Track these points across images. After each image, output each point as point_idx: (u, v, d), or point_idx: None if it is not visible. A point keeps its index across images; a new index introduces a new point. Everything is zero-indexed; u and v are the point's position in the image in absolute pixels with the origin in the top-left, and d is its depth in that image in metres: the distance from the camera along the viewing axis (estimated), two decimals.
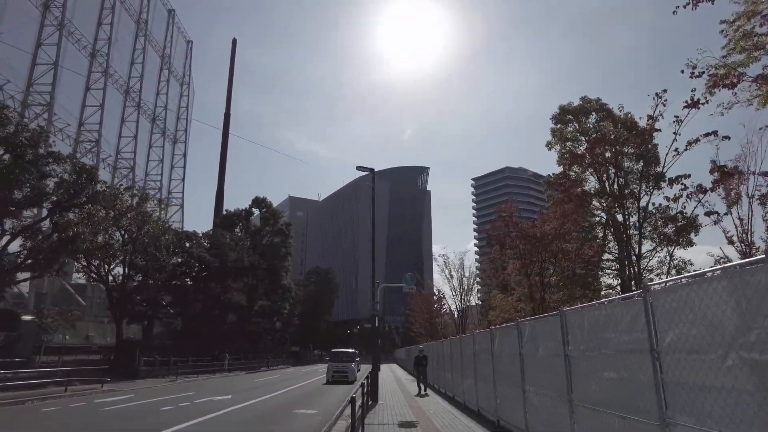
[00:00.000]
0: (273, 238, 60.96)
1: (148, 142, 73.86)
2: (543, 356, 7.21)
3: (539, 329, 7.31)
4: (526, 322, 8.04)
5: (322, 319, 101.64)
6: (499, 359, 9.78)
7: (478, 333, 12.21)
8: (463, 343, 14.01)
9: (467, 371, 13.34)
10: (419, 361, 18.24)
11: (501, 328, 9.72)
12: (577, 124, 20.68)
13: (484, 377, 11.16)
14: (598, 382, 5.37)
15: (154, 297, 34.56)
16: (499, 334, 9.78)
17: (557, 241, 15.44)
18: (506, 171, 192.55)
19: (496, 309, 27.62)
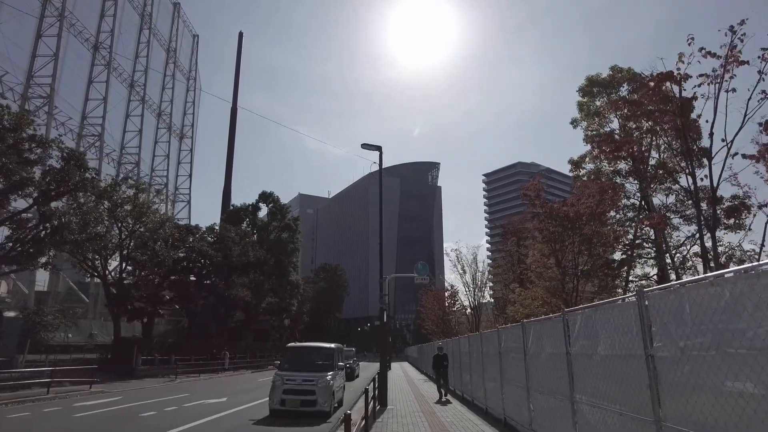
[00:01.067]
0: (280, 233, 59.39)
1: (154, 138, 72.78)
2: (604, 357, 5.33)
3: (600, 321, 5.44)
4: (577, 312, 6.16)
5: (332, 317, 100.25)
6: (534, 359, 7.91)
7: (504, 328, 10.34)
8: (485, 340, 12.14)
9: (490, 372, 11.49)
10: (439, 361, 15.36)
11: (539, 321, 7.85)
12: (606, 97, 18.63)
13: (513, 381, 9.31)
14: (720, 395, 3.48)
15: (154, 293, 33.09)
16: (536, 328, 7.91)
17: (591, 223, 13.42)
18: (518, 166, 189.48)
19: (516, 304, 25.70)
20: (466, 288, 40.87)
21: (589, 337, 5.76)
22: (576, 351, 6.10)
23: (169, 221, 30.76)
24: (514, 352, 9.19)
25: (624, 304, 4.96)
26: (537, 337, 7.76)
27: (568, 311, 6.40)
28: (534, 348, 7.94)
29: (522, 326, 8.54)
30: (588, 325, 5.81)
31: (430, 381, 25.73)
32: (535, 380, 7.82)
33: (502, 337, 10.25)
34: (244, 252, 40.85)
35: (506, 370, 9.85)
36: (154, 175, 71.48)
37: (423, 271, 14.76)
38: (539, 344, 7.64)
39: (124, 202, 28.16)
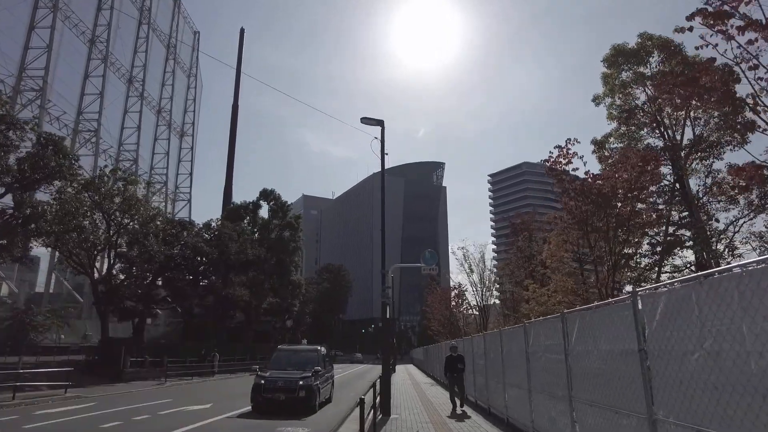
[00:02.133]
0: (282, 231, 57.59)
1: (154, 135, 71.41)
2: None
3: (708, 304, 3.58)
4: (660, 294, 4.32)
5: (336, 318, 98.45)
6: (580, 361, 6.05)
7: (536, 323, 8.48)
8: (507, 339, 10.26)
9: (513, 376, 9.62)
10: (452, 363, 12.47)
11: (591, 311, 5.97)
12: (634, 69, 16.68)
13: (547, 388, 7.43)
14: None
15: (146, 292, 31.38)
16: (584, 320, 6.05)
17: (628, 201, 11.45)
18: (524, 166, 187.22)
19: (531, 301, 23.80)
20: (474, 288, 38.95)
21: (674, 330, 3.91)
22: (655, 348, 4.25)
23: (161, 215, 28.97)
24: (550, 352, 7.32)
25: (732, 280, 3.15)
26: (586, 332, 5.89)
27: (644, 291, 4.55)
28: (581, 346, 6.07)
29: (562, 318, 6.66)
30: (669, 316, 3.97)
31: (438, 385, 23.83)
32: (582, 388, 5.95)
33: (530, 334, 8.37)
34: (242, 249, 39.07)
35: (537, 374, 7.98)
36: (153, 173, 70.04)
37: (431, 260, 12.89)
38: (589, 341, 5.76)
39: (111, 193, 26.49)
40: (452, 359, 12.62)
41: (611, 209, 11.23)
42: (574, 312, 6.55)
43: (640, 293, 4.54)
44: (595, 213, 11.41)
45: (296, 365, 14.23)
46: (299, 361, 14.66)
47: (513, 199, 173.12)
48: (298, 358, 15.08)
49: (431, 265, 12.70)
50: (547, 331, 7.50)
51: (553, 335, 7.18)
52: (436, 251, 75.12)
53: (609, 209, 11.20)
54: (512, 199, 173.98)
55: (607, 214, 11.20)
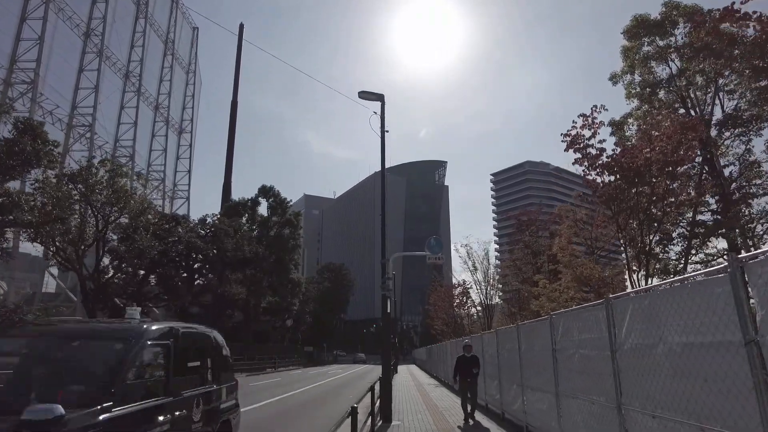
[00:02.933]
0: (281, 229, 56.38)
1: (151, 131, 70.11)
2: None
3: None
4: None
5: (337, 318, 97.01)
6: (635, 358, 4.73)
7: (561, 314, 7.14)
8: (525, 335, 8.91)
9: (534, 379, 8.28)
10: (465, 366, 10.46)
11: (651, 293, 4.62)
12: (657, 42, 15.27)
13: (581, 393, 6.09)
14: None
15: (137, 289, 30.12)
16: (638, 306, 4.73)
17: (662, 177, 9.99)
18: (526, 165, 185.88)
19: (541, 297, 22.45)
20: (478, 286, 37.60)
21: None
22: None
23: (152, 208, 27.66)
24: (586, 347, 5.96)
25: None
26: (645, 320, 4.55)
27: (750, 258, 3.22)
28: (636, 339, 4.73)
29: (607, 305, 5.31)
30: None
31: (443, 386, 22.50)
32: (639, 394, 4.61)
33: (558, 328, 7.03)
34: (239, 246, 37.77)
35: (568, 375, 6.63)
36: (151, 170, 68.76)
37: (437, 248, 11.53)
38: (651, 332, 4.42)
39: (99, 185, 25.19)
40: (465, 361, 10.57)
41: (645, 185, 9.86)
42: (623, 297, 5.19)
43: (747, 261, 3.20)
44: (627, 190, 10.03)
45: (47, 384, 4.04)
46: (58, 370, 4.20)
47: (516, 198, 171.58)
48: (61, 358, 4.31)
49: (437, 254, 11.36)
50: (582, 323, 6.15)
51: (591, 328, 5.83)
52: None
53: (642, 185, 9.84)
54: (515, 198, 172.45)
55: (638, 192, 9.80)
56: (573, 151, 10.90)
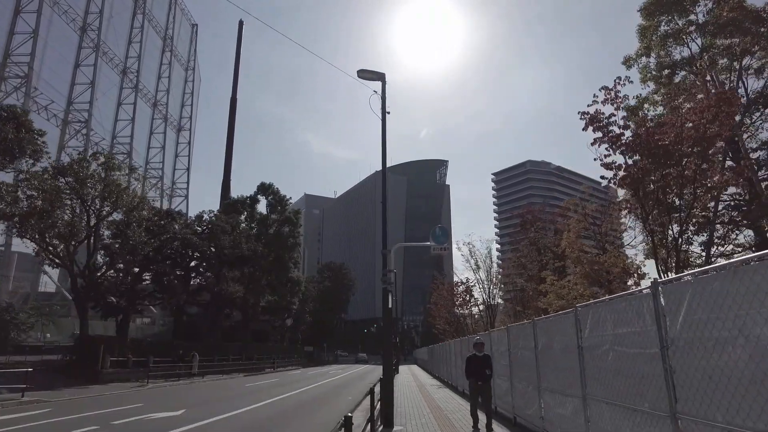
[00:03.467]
0: (281, 227, 55.41)
1: (149, 128, 69.34)
2: None
3: None
4: None
5: (338, 318, 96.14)
6: (698, 358, 3.83)
7: (590, 306, 6.22)
8: (544, 331, 7.99)
9: (555, 380, 7.37)
10: (476, 366, 9.09)
11: (719, 273, 3.69)
12: (675, 21, 14.26)
13: (618, 398, 5.19)
14: None
15: (131, 286, 29.25)
16: (699, 292, 3.82)
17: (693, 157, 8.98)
18: (528, 165, 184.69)
19: (550, 294, 21.55)
20: (480, 285, 36.65)
21: None
22: None
23: (145, 203, 26.78)
24: (624, 344, 5.05)
25: None
26: (710, 311, 3.64)
27: None
28: (697, 332, 3.82)
29: (654, 292, 4.41)
30: None
31: (446, 387, 21.58)
32: (703, 401, 3.70)
33: (586, 322, 6.11)
34: (237, 243, 36.86)
35: (599, 376, 5.71)
36: (149, 167, 68.05)
37: (442, 238, 10.58)
38: (726, 322, 3.51)
39: (90, 178, 24.33)
40: (476, 361, 9.17)
41: (675, 166, 8.91)
42: (676, 281, 4.28)
43: None
44: (654, 171, 9.07)
45: None
46: None
47: (517, 198, 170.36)
48: None
49: (442, 244, 10.44)
50: (618, 316, 5.23)
51: (631, 320, 4.92)
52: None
53: (671, 166, 8.89)
54: (516, 198, 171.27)
55: (665, 175, 8.83)
56: (592, 130, 9.95)
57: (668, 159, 8.88)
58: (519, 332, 9.47)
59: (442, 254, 10.71)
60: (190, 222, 35.44)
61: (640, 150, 9.01)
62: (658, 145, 8.72)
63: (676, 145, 8.61)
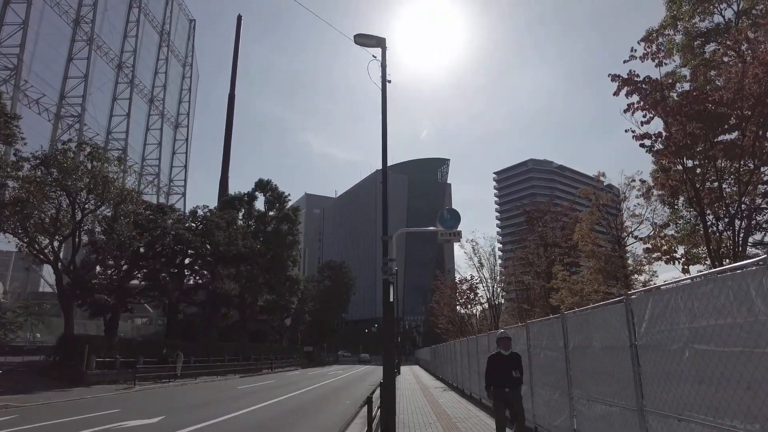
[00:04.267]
0: (279, 224, 54.13)
1: (146, 125, 68.11)
2: None
3: None
4: None
5: (338, 317, 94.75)
6: None
7: (650, 293, 4.87)
8: (578, 327, 6.63)
9: (594, 386, 6.04)
10: (502, 368, 7.09)
11: None
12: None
13: (703, 415, 3.85)
14: None
15: (120, 283, 27.94)
16: None
17: (755, 118, 7.50)
18: (530, 163, 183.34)
19: (562, 291, 20.21)
20: (484, 284, 35.27)
21: None
22: None
23: (133, 195, 25.46)
24: (711, 341, 3.72)
25: None
26: None
27: None
28: None
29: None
30: None
31: (451, 390, 20.23)
32: None
33: (643, 314, 4.77)
34: (232, 240, 35.50)
35: (666, 385, 4.37)
36: (145, 164, 66.77)
37: (451, 222, 9.13)
38: None
39: (74, 170, 23.02)
40: (500, 361, 7.07)
41: (731, 130, 7.61)
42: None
43: None
44: (704, 138, 7.73)
45: None
46: None
47: (519, 197, 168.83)
48: None
49: (451, 229, 9.07)
50: (702, 304, 3.89)
51: (723, 309, 3.58)
52: (440, 248, 71.12)
53: (726, 131, 7.60)
54: (518, 197, 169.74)
55: (714, 144, 7.51)
56: (626, 94, 8.56)
57: (723, 123, 7.51)
58: (542, 329, 8.14)
59: (451, 241, 9.36)
60: (183, 217, 34.13)
61: (687, 112, 7.62)
62: (706, 110, 7.31)
63: (734, 104, 7.24)
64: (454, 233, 9.11)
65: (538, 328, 8.46)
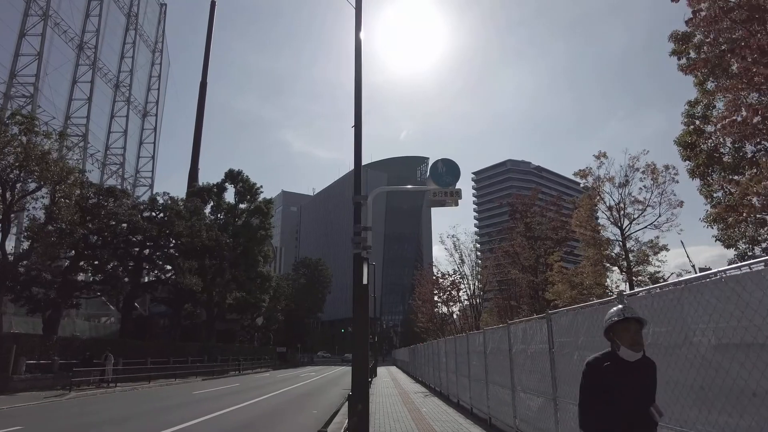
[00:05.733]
0: (250, 217, 51.12)
1: (110, 111, 63.96)
2: None
3: None
4: None
5: (314, 317, 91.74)
6: None
7: None
8: (658, 312, 4.23)
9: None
10: (634, 389, 2.58)
11: None
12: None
13: None
14: None
15: (63, 277, 24.80)
16: None
17: None
18: (508, 164, 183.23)
19: (560, 283, 18.11)
20: (465, 281, 33.13)
21: None
22: None
23: (76, 174, 22.36)
24: None
25: None
26: None
27: None
28: None
29: None
30: None
31: (433, 395, 17.87)
32: None
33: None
34: (195, 231, 32.50)
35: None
36: (109, 153, 62.75)
37: (447, 177, 6.65)
38: None
39: (5, 144, 19.94)
40: (627, 375, 2.61)
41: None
42: None
43: None
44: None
45: None
46: None
47: (497, 197, 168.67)
48: None
49: (447, 186, 6.71)
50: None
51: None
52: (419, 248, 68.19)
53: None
54: (496, 197, 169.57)
55: None
56: None
57: None
58: (584, 319, 5.76)
59: (446, 204, 6.98)
60: (140, 204, 30.99)
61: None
62: None
63: None
64: (451, 192, 6.74)
65: (571, 318, 6.11)
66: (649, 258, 16.13)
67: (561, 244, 25.90)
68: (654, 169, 16.63)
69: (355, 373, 6.34)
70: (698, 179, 10.43)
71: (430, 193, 6.98)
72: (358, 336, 6.45)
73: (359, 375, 6.33)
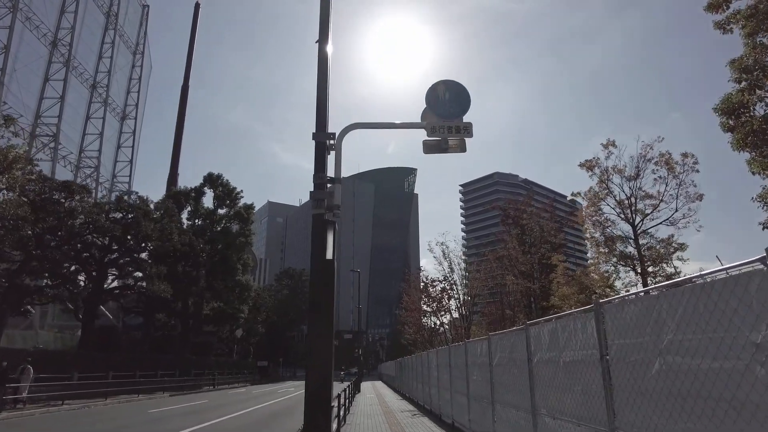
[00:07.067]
0: (229, 223, 48.68)
1: (86, 113, 61.21)
2: None
3: None
4: None
5: (297, 329, 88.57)
6: None
7: None
8: None
9: None
10: None
11: None
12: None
13: None
14: None
15: (9, 280, 22.19)
16: None
17: None
18: (496, 176, 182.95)
19: (563, 287, 16.13)
20: (455, 289, 31.07)
21: None
22: None
23: (24, 163, 19.91)
24: None
25: None
26: None
27: None
28: None
29: None
30: None
31: (422, 414, 15.67)
32: None
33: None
34: (166, 234, 30.06)
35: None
36: (83, 156, 59.86)
37: (452, 106, 4.75)
38: None
39: None
40: None
41: None
42: None
43: None
44: None
45: None
46: None
47: (485, 210, 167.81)
48: None
49: (452, 117, 4.67)
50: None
51: None
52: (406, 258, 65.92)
53: None
54: (484, 210, 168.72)
55: None
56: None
57: None
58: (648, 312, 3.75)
59: (449, 150, 4.85)
60: (102, 203, 28.50)
61: None
62: None
63: None
64: (458, 128, 4.69)
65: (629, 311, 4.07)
66: (670, 256, 14.32)
67: (560, 248, 24.12)
68: (669, 159, 14.82)
69: (311, 382, 4.16)
70: (748, 151, 8.66)
71: (427, 129, 4.92)
72: (314, 328, 4.32)
73: (316, 384, 4.16)
